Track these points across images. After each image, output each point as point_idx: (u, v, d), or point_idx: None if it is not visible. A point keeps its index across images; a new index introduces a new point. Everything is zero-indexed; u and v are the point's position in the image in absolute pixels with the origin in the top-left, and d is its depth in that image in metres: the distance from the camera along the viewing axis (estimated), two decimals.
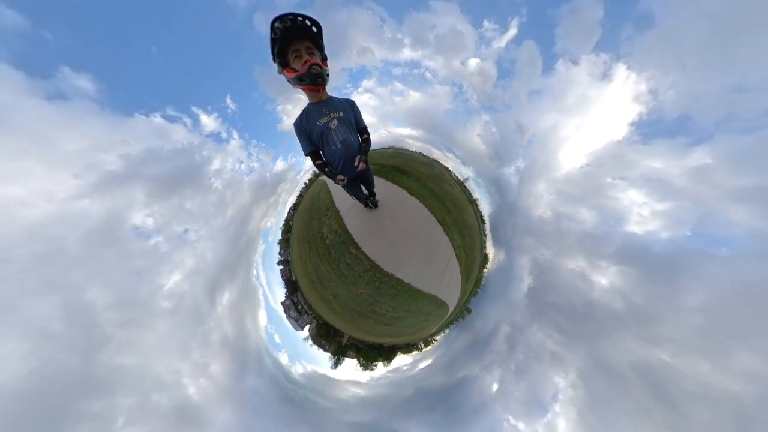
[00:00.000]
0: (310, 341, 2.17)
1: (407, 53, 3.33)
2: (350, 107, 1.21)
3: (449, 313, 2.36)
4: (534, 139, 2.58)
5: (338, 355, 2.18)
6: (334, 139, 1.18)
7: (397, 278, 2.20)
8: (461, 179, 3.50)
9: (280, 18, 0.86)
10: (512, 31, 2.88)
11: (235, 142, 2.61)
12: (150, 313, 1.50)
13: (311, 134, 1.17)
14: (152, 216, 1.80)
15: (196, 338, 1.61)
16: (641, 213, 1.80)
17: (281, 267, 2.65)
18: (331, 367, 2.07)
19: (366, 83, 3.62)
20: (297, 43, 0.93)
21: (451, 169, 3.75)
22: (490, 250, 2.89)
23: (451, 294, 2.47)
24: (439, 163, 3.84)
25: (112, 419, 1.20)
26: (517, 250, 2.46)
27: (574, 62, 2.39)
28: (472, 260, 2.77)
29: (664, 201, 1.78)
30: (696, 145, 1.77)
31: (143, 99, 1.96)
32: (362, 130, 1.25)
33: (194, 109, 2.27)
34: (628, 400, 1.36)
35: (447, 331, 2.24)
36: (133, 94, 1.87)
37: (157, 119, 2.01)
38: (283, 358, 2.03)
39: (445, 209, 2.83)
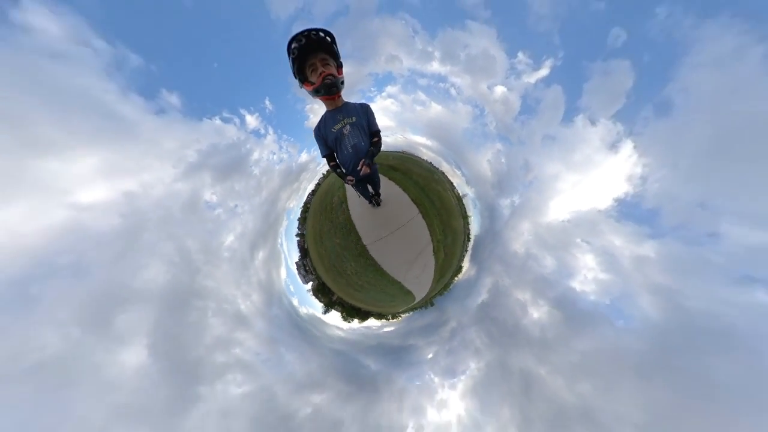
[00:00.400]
0: (311, 293, 3.17)
1: (435, 66, 3.29)
2: (363, 112, 1.26)
3: (415, 302, 3.07)
4: (535, 181, 2.76)
5: (328, 307, 3.18)
6: (346, 144, 1.26)
7: (363, 244, 2.79)
8: (461, 194, 3.87)
9: (294, 38, 0.92)
10: (544, 71, 2.68)
11: (270, 137, 3.18)
12: (218, 258, 2.44)
13: (327, 139, 1.26)
14: (215, 194, 2.61)
15: (243, 278, 2.57)
16: (586, 275, 2.17)
17: (298, 238, 3.63)
18: (323, 313, 3.08)
19: (390, 89, 3.71)
20: (312, 57, 0.97)
21: (454, 183, 4.08)
22: (466, 263, 3.41)
23: (420, 287, 3.09)
24: (444, 174, 4.17)
25: (205, 312, 2.28)
26: (487, 271, 2.95)
27: (593, 122, 2.35)
28: (449, 265, 3.32)
29: (607, 272, 2.10)
30: (651, 238, 1.90)
31: (208, 106, 2.52)
32: (373, 134, 1.30)
33: (242, 110, 2.82)
34: (506, 388, 2.04)
35: (411, 313, 3.05)
36: (202, 104, 2.41)
37: (216, 121, 2.62)
38: (294, 301, 3.00)
39: (429, 201, 3.26)
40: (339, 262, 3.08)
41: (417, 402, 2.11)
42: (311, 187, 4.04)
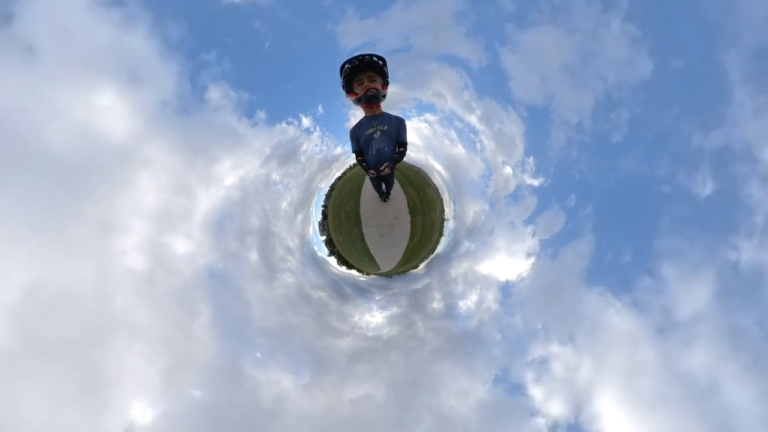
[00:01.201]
0: (324, 243, 5.52)
1: (473, 119, 3.54)
2: (396, 123, 1.41)
3: (380, 271, 5.39)
4: (488, 242, 4.16)
5: (331, 254, 5.54)
6: (373, 147, 1.45)
7: (360, 222, 4.53)
8: (445, 218, 5.48)
9: (349, 60, 1.04)
10: (536, 182, 3.21)
11: (316, 134, 4.02)
12: (278, 216, 4.31)
13: (359, 140, 1.46)
14: (278, 175, 4.06)
15: (290, 229, 4.61)
16: (467, 303, 4.14)
17: (323, 207, 5.61)
18: (327, 256, 5.53)
19: (428, 116, 4.07)
20: (361, 74, 1.11)
21: (446, 211, 5.56)
22: (422, 265, 5.56)
23: (386, 264, 5.27)
24: (442, 201, 5.57)
25: (274, 243, 4.52)
26: (429, 275, 5.03)
27: (533, 235, 3.40)
28: (412, 261, 5.44)
29: (474, 306, 4.05)
30: (500, 301, 3.55)
31: (281, 115, 3.26)
32: (400, 144, 1.46)
33: (300, 115, 3.65)
34: (404, 326, 4.57)
35: (377, 277, 5.45)
36: (277, 114, 3.13)
37: (283, 125, 3.55)
38: (315, 248, 5.35)
39: (422, 214, 5.05)
40: (342, 228, 5.08)
41: (362, 312, 4.64)
42: (338, 173, 5.43)
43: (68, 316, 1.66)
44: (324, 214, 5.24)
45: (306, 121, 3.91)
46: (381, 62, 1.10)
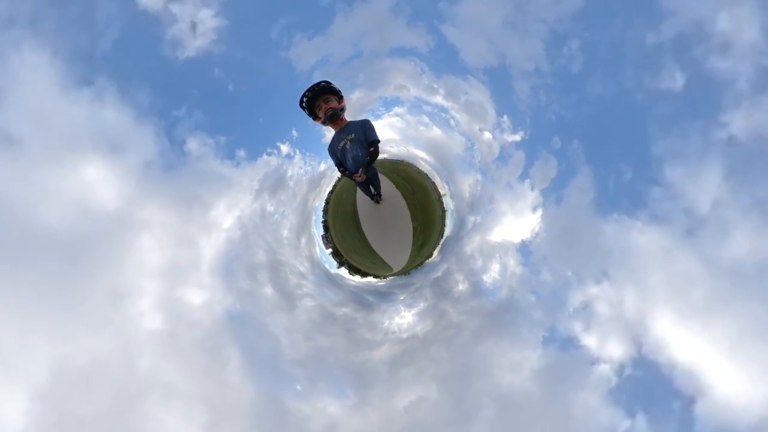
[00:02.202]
0: (330, 255, 5.47)
1: (439, 99, 3.64)
2: (362, 127, 1.46)
3: (393, 272, 5.31)
4: (492, 211, 4.11)
5: (340, 265, 5.49)
6: (348, 157, 1.52)
7: (361, 228, 4.63)
8: (445, 208, 5.46)
9: (303, 96, 1.19)
10: (517, 137, 3.26)
11: (298, 157, 4.18)
12: (282, 245, 4.34)
13: (336, 154, 1.55)
14: (272, 205, 4.14)
15: (297, 256, 4.63)
16: (491, 275, 4.03)
17: (322, 221, 5.62)
18: (336, 268, 5.48)
19: (397, 109, 4.18)
20: (319, 100, 1.27)
21: (441, 194, 5.55)
22: (436, 252, 5.46)
23: (397, 263, 5.20)
24: (434, 184, 5.59)
25: (285, 271, 4.54)
26: (446, 260, 4.95)
27: (532, 188, 3.38)
28: (424, 252, 5.36)
29: (499, 276, 3.93)
30: (523, 266, 3.46)
31: (260, 149, 3.45)
32: (370, 144, 1.48)
33: (278, 143, 3.81)
34: (435, 316, 4.37)
35: (394, 277, 5.36)
36: (256, 148, 3.32)
37: (265, 157, 3.70)
38: (326, 266, 5.33)
39: (421, 210, 5.02)
40: (346, 236, 5.07)
41: (390, 317, 4.53)
42: (329, 188, 5.50)
43: (98, 388, 1.63)
44: (325, 227, 5.28)
45: (285, 148, 4.06)
46: (327, 85, 1.25)
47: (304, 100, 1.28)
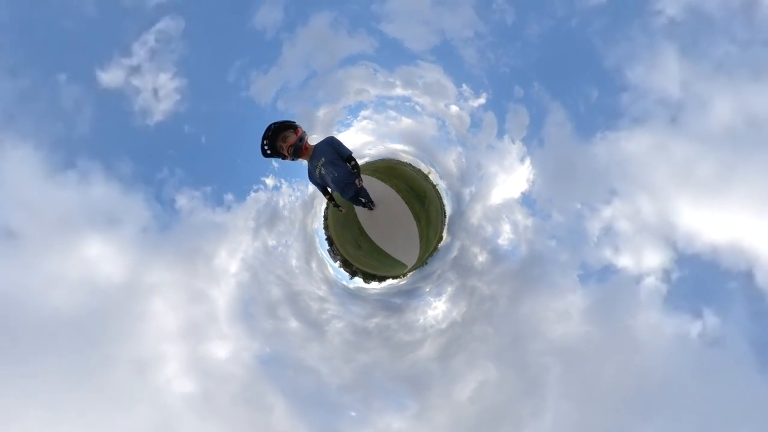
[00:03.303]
0: (339, 267, 5.36)
1: (399, 91, 3.87)
2: (329, 147, 1.44)
3: (409, 267, 5.20)
4: (484, 176, 4.15)
5: (352, 275, 5.27)
6: (329, 181, 1.52)
7: (366, 233, 4.59)
8: (435, 184, 5.49)
9: (261, 147, 1.20)
10: (481, 100, 3.45)
11: (285, 186, 4.31)
12: (294, 275, 4.26)
13: (318, 182, 1.57)
14: (273, 239, 4.13)
15: (312, 280, 4.53)
16: (505, 237, 3.98)
17: (325, 235, 5.56)
18: (349, 279, 5.34)
19: (364, 113, 4.39)
20: (278, 141, 1.26)
21: (430, 177, 5.60)
22: (445, 234, 5.40)
23: (408, 258, 5.11)
24: (420, 171, 5.66)
25: (306, 299, 4.37)
26: (457, 237, 4.88)
27: (512, 141, 3.49)
28: (433, 238, 5.31)
29: (512, 234, 3.88)
30: (531, 215, 3.47)
31: (246, 188, 3.57)
32: (348, 159, 1.48)
33: (262, 178, 3.91)
34: (464, 295, 4.24)
35: (414, 272, 5.23)
36: (243, 188, 3.47)
37: (253, 194, 3.78)
38: (343, 282, 5.21)
39: (418, 202, 5.02)
40: (353, 245, 5.01)
41: (423, 312, 4.36)
42: (324, 205, 5.53)
43: None
44: (329, 241, 5.24)
45: (270, 181, 4.16)
46: (276, 125, 1.25)
47: (266, 149, 1.29)
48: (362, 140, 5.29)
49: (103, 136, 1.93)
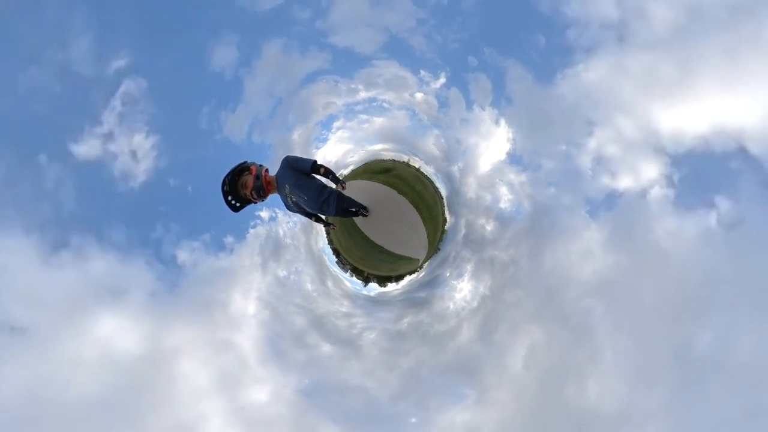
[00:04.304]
0: (350, 275, 5.27)
1: (363, 94, 4.02)
2: (288, 170, 1.27)
3: (421, 260, 5.14)
4: (466, 150, 4.22)
5: (365, 281, 5.11)
6: (303, 205, 1.37)
7: (369, 239, 4.60)
8: (427, 175, 5.52)
9: (229, 204, 1.11)
10: (441, 80, 3.62)
11: (280, 215, 4.34)
12: (312, 300, 4.16)
13: (296, 210, 1.44)
14: (283, 269, 4.08)
15: (334, 300, 4.43)
16: (504, 199, 4.01)
17: (332, 250, 5.51)
18: (364, 286, 5.26)
19: (337, 124, 4.53)
20: (240, 191, 1.14)
21: (417, 167, 5.65)
22: (447, 215, 5.39)
23: (418, 251, 5.06)
24: (406, 164, 5.71)
25: (333, 320, 4.26)
26: (460, 215, 4.87)
27: (482, 108, 3.60)
28: (438, 223, 5.29)
29: (511, 194, 3.93)
30: (522, 171, 3.56)
31: (241, 228, 3.62)
32: (313, 169, 1.29)
33: (257, 213, 3.91)
34: (485, 267, 4.17)
35: (429, 261, 5.18)
36: (238, 230, 3.54)
37: (250, 232, 3.77)
38: (364, 291, 5.13)
39: (415, 193, 5.03)
40: (360, 252, 4.95)
41: (450, 298, 4.25)
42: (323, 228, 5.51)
43: None
44: (336, 252, 5.18)
45: (264, 214, 4.17)
46: (228, 178, 1.11)
47: (234, 204, 1.17)
48: (343, 150, 5.38)
49: (90, 209, 1.93)
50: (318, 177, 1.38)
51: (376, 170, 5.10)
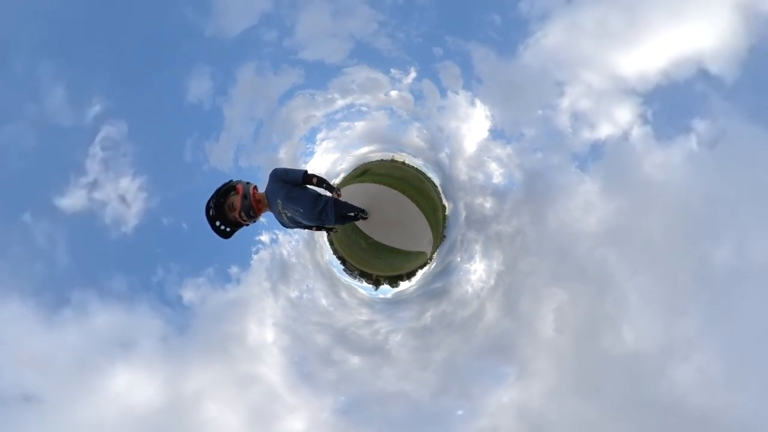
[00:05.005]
0: (359, 281, 5.16)
1: (340, 102, 4.14)
2: (277, 183, 1.18)
3: (430, 251, 5.14)
4: (450, 135, 4.33)
5: (376, 284, 4.88)
6: (299, 219, 1.28)
7: (374, 240, 4.54)
8: (417, 167, 5.60)
9: (218, 232, 1.00)
10: (412, 75, 3.81)
11: (281, 236, 4.27)
12: (331, 314, 4.01)
13: (294, 225, 1.36)
14: (294, 290, 3.96)
15: (351, 310, 4.28)
16: (494, 173, 4.10)
17: (337, 258, 5.42)
18: (374, 290, 5.12)
19: (320, 136, 4.62)
20: (228, 214, 1.03)
21: (405, 161, 5.73)
22: (445, 202, 5.43)
23: (425, 244, 4.75)
24: (395, 161, 5.79)
25: (354, 330, 4.07)
26: (457, 200, 4.90)
27: (457, 93, 3.77)
28: (437, 212, 5.32)
29: (501, 168, 4.05)
30: (508, 143, 3.71)
31: (244, 256, 3.53)
32: (305, 180, 1.22)
33: (257, 238, 3.85)
34: (493, 244, 4.19)
35: (438, 251, 5.15)
36: (242, 259, 3.45)
37: (255, 257, 3.68)
38: (381, 294, 4.99)
39: (413, 188, 5.06)
40: (366, 257, 4.89)
41: (467, 281, 4.20)
42: (325, 237, 5.43)
43: None
44: (342, 260, 5.09)
45: (265, 237, 4.09)
46: (213, 202, 1.02)
47: (224, 229, 1.06)
48: (331, 159, 5.43)
49: (85, 262, 1.83)
50: (310, 187, 1.31)
51: (357, 174, 5.15)
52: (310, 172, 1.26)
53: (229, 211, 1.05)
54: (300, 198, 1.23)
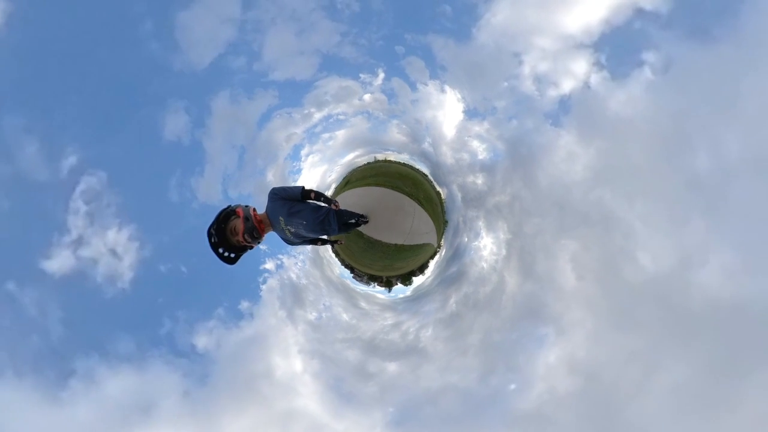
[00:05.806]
0: (369, 285, 5.07)
1: (318, 115, 4.24)
2: (277, 202, 1.20)
3: (438, 237, 5.17)
4: (429, 125, 4.54)
5: (386, 286, 4.74)
6: (303, 232, 1.27)
7: (377, 240, 4.70)
8: (409, 163, 5.73)
9: (223, 258, 0.99)
10: (381, 76, 4.04)
11: (285, 259, 4.14)
12: (356, 329, 3.85)
13: (300, 241, 1.35)
14: (311, 312, 3.78)
15: (376, 319, 4.13)
16: (478, 150, 4.29)
17: (348, 269, 5.30)
18: (389, 293, 5.05)
19: (304, 152, 4.67)
20: (231, 239, 0.99)
21: (393, 159, 5.84)
22: (440, 190, 5.54)
23: (429, 235, 4.49)
24: (384, 160, 5.89)
25: (372, 338, 3.95)
26: (448, 185, 5.06)
27: (426, 84, 4.01)
28: (433, 202, 5.42)
29: (485, 150, 4.25)
30: (486, 122, 3.98)
31: (253, 286, 3.33)
32: (304, 195, 1.26)
33: (262, 267, 3.70)
34: (499, 220, 4.31)
35: (443, 240, 5.19)
36: (251, 292, 3.23)
37: (264, 287, 3.48)
38: (401, 296, 4.89)
39: (410, 185, 5.14)
40: (371, 259, 4.84)
41: (483, 260, 4.21)
42: (330, 250, 5.32)
43: None
44: (350, 268, 4.97)
45: (270, 265, 3.92)
46: (213, 228, 1.00)
47: (228, 255, 1.04)
48: (319, 172, 5.44)
49: (83, 327, 1.60)
50: (309, 201, 1.34)
51: (342, 184, 5.19)
52: (307, 187, 1.30)
53: (231, 235, 1.02)
54: (302, 211, 1.24)
